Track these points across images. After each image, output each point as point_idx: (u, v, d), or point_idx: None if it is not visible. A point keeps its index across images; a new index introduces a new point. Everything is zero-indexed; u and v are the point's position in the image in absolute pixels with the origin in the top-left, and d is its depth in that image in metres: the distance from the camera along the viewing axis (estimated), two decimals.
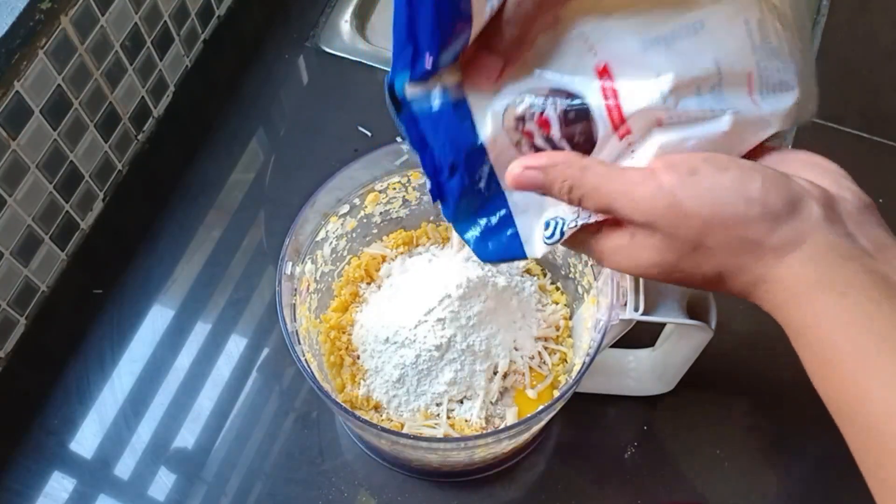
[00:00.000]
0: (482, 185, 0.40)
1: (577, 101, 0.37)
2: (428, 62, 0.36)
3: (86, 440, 0.62)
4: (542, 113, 0.38)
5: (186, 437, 0.62)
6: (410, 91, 0.38)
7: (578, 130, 0.38)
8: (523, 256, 0.42)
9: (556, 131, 0.38)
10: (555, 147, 0.38)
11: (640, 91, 0.36)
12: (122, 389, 0.64)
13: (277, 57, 0.80)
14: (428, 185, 0.40)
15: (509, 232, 0.41)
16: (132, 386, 0.64)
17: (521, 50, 0.37)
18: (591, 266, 0.56)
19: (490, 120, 0.39)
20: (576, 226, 0.39)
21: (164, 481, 0.60)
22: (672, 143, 0.37)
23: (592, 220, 0.38)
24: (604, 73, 0.37)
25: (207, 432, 0.62)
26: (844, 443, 0.33)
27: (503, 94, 0.39)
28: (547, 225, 0.40)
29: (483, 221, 0.41)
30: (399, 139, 0.72)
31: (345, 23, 0.82)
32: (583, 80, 0.37)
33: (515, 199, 0.41)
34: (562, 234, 0.39)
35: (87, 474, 0.61)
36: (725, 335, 0.51)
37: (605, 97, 0.37)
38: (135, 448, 0.62)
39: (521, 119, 0.38)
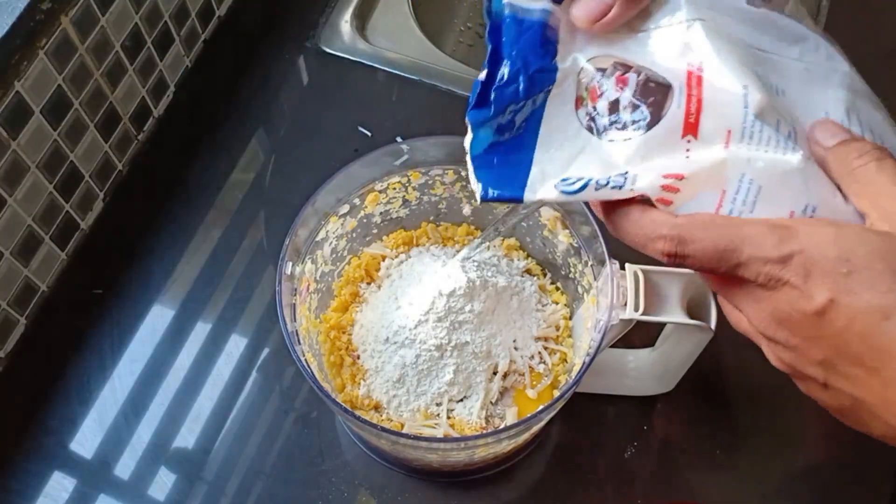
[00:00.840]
0: (527, 110, 0.39)
1: (660, 80, 0.37)
2: None
3: (86, 440, 0.62)
4: (623, 74, 0.38)
5: (186, 437, 0.62)
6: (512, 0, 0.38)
7: (649, 101, 0.38)
8: (518, 198, 0.40)
9: (627, 96, 0.38)
10: (615, 114, 0.38)
11: (725, 90, 0.36)
12: (122, 389, 0.64)
13: (277, 57, 0.80)
14: (474, 90, 0.39)
15: (520, 167, 0.40)
16: (132, 386, 0.64)
17: (633, 3, 0.37)
18: (591, 266, 0.56)
19: (570, 60, 0.39)
20: (614, 187, 0.38)
21: (164, 481, 0.60)
22: (739, 159, 0.36)
23: (634, 193, 0.38)
24: (697, 68, 0.37)
25: (207, 432, 0.62)
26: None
27: (593, 46, 0.39)
28: (566, 178, 0.39)
29: (502, 144, 0.40)
30: (399, 139, 0.72)
31: (345, 23, 0.82)
32: (673, 69, 0.37)
33: (544, 143, 0.40)
34: (584, 187, 0.38)
35: (87, 474, 0.61)
36: (725, 335, 0.51)
37: (690, 88, 0.37)
38: (135, 448, 0.62)
39: (601, 71, 0.39)
